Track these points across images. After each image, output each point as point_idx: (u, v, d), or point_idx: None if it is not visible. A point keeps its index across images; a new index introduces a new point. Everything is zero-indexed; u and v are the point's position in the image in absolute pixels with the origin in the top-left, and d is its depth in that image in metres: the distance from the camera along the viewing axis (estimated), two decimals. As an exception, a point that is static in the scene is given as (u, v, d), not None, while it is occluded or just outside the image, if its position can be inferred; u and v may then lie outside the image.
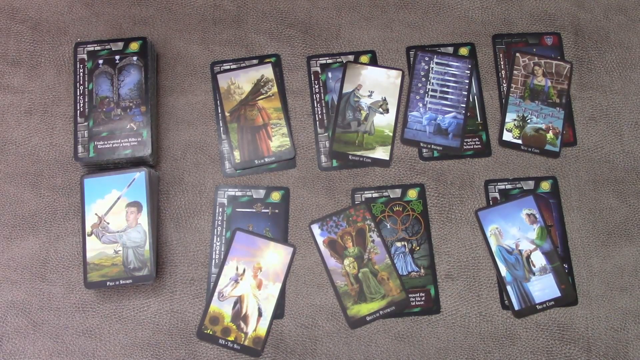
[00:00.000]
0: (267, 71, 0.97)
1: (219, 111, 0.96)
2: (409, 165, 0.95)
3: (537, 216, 0.92)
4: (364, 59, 0.99)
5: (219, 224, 0.92)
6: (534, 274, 0.90)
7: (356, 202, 0.93)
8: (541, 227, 0.92)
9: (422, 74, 0.98)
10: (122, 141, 0.89)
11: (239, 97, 0.96)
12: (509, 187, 0.94)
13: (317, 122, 0.96)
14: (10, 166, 0.94)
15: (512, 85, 0.97)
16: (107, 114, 0.90)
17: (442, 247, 0.92)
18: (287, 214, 0.93)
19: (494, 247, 0.91)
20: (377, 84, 0.97)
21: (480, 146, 0.96)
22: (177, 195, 0.94)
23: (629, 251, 0.93)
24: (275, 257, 0.91)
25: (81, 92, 0.91)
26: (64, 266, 0.91)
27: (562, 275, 0.90)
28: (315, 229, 0.92)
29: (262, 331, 0.88)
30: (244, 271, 0.90)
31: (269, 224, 0.92)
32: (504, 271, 0.90)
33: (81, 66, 0.92)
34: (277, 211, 0.93)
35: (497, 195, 0.94)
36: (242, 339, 0.88)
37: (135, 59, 0.92)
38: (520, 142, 0.96)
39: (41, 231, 0.92)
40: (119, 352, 0.88)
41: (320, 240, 0.92)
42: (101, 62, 0.93)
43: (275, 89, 0.97)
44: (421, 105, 0.97)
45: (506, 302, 0.90)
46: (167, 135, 0.96)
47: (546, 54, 0.99)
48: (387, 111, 0.97)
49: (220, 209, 0.92)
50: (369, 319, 0.89)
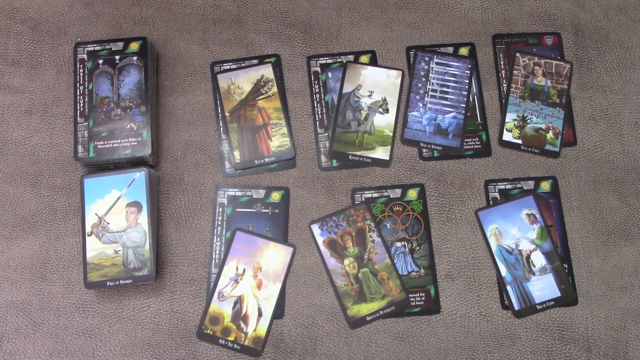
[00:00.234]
0: (267, 71, 0.97)
1: (219, 111, 0.96)
2: (409, 165, 0.95)
3: (537, 216, 0.92)
4: (364, 59, 0.99)
5: (219, 224, 0.92)
6: (534, 274, 0.90)
7: (356, 202, 0.93)
8: (541, 227, 0.92)
9: (422, 74, 0.98)
10: (122, 141, 0.89)
11: (239, 97, 0.96)
12: (509, 187, 0.94)
13: (317, 122, 0.96)
14: (10, 166, 0.94)
15: (512, 85, 0.97)
16: (107, 114, 0.90)
17: (442, 247, 0.92)
18: (287, 214, 0.93)
19: (494, 247, 0.91)
20: (377, 84, 0.97)
21: (480, 146, 0.96)
22: (177, 195, 0.94)
23: (629, 251, 0.93)
24: (275, 257, 0.91)
25: (81, 92, 0.91)
26: (64, 266, 0.91)
27: (562, 275, 0.90)
28: (315, 229, 0.92)
29: (262, 331, 0.88)
30: (244, 271, 0.90)
31: (269, 224, 0.92)
32: (504, 271, 0.90)
33: (81, 66, 0.92)
34: (277, 211, 0.93)
35: (497, 195, 0.94)
36: (242, 339, 0.88)
37: (135, 59, 0.92)
38: (520, 142, 0.96)
39: (41, 231, 0.92)
40: (119, 352, 0.88)
41: (320, 240, 0.92)
42: (101, 62, 0.93)
43: (275, 89, 0.97)
44: (421, 105, 0.97)
45: (506, 302, 0.90)
46: (167, 135, 0.96)
47: (546, 54, 0.99)
48: (387, 111, 0.96)
49: (220, 209, 0.92)
50: (369, 319, 0.89)
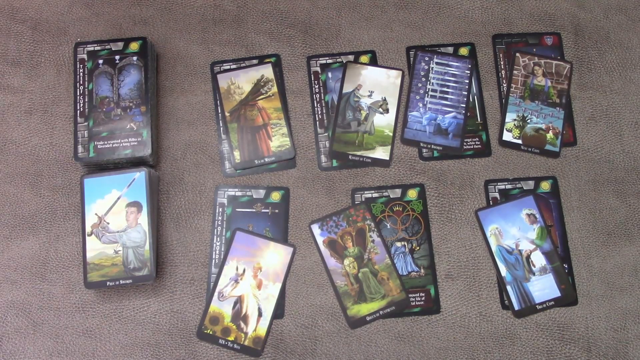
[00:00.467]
0: (267, 71, 0.97)
1: (219, 111, 0.96)
2: (409, 165, 0.95)
3: (537, 216, 0.92)
4: (364, 59, 0.99)
5: (219, 224, 0.92)
6: (534, 274, 0.90)
7: (356, 202, 0.93)
8: (541, 227, 0.92)
9: (422, 74, 0.98)
10: (122, 141, 0.89)
11: (239, 97, 0.96)
12: (509, 187, 0.94)
13: (317, 122, 0.96)
14: (10, 166, 0.94)
15: (512, 85, 0.97)
16: (107, 114, 0.90)
17: (442, 247, 0.92)
18: (287, 214, 0.93)
19: (494, 247, 0.91)
20: (377, 84, 0.97)
21: (480, 146, 0.96)
22: (177, 195, 0.94)
23: (629, 251, 0.93)
24: (275, 257, 0.91)
25: (81, 92, 0.91)
26: (64, 266, 0.91)
27: (562, 275, 0.90)
28: (315, 229, 0.92)
29: (262, 331, 0.88)
30: (244, 271, 0.90)
31: (269, 224, 0.92)
32: (504, 271, 0.90)
33: (81, 66, 0.92)
34: (277, 211, 0.93)
35: (497, 195, 0.94)
36: (242, 339, 0.88)
37: (135, 59, 0.92)
38: (520, 142, 0.96)
39: (41, 231, 0.92)
40: (119, 352, 0.88)
41: (320, 240, 0.92)
42: (101, 62, 0.93)
43: (275, 89, 0.97)
44: (421, 105, 0.97)
45: (506, 302, 0.90)
46: (167, 135, 0.96)
47: (546, 54, 0.99)
48: (387, 111, 0.96)
49: (220, 209, 0.92)
50: (369, 319, 0.89)
